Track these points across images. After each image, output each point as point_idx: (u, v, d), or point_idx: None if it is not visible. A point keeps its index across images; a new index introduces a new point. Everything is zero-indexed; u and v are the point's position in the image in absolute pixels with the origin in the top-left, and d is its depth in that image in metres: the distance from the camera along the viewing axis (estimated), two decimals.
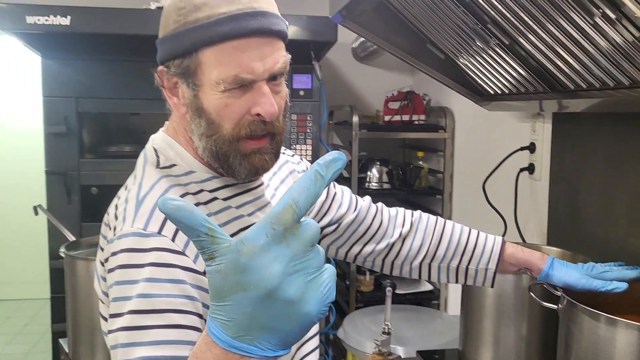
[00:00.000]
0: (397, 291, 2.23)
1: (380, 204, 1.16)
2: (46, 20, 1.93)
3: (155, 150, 0.88)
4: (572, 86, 1.26)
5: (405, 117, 2.57)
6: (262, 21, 0.78)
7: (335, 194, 1.11)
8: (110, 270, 0.75)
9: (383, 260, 1.13)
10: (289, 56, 0.84)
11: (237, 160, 0.82)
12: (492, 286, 1.13)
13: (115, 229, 0.79)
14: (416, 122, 2.57)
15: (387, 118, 2.59)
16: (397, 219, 1.14)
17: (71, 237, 1.90)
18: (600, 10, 0.95)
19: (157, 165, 0.86)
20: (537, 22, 1.15)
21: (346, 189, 1.14)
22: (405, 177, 2.52)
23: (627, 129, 1.32)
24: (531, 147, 1.72)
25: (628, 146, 1.32)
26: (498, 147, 1.96)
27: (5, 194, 4.53)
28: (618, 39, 0.98)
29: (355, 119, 2.40)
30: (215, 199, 0.86)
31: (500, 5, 1.20)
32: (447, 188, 2.48)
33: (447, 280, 1.13)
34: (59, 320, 2.33)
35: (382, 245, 1.11)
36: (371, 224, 1.11)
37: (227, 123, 0.80)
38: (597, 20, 0.98)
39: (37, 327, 4.11)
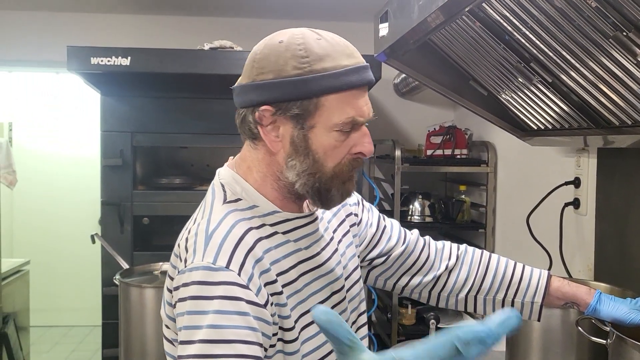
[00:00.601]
0: (440, 325, 2.22)
1: (427, 237, 1.19)
2: (108, 61, 2.07)
3: (223, 186, 0.95)
4: (617, 122, 1.27)
5: (448, 151, 2.60)
6: (369, 74, 0.92)
7: (385, 226, 1.14)
8: (181, 300, 0.81)
9: (429, 292, 1.16)
10: None
11: (335, 189, 0.91)
12: (538, 320, 1.13)
13: (186, 260, 0.84)
14: (458, 156, 2.59)
15: (429, 152, 2.62)
16: (444, 252, 1.16)
17: (125, 265, 1.98)
18: None
19: (225, 200, 0.92)
20: (578, 60, 1.18)
21: (395, 222, 1.18)
22: (448, 211, 2.53)
23: None
24: (576, 182, 1.72)
25: None
26: (541, 182, 1.96)
27: (60, 224, 4.72)
28: None
29: (398, 152, 2.44)
30: (275, 233, 0.91)
31: (542, 43, 1.23)
32: (490, 222, 2.48)
33: (493, 312, 1.14)
34: (109, 346, 2.41)
35: (429, 277, 1.14)
36: (419, 256, 1.14)
37: (330, 162, 0.89)
38: None
39: (84, 353, 4.21)
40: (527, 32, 1.24)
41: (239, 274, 0.81)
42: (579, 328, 1.13)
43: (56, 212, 4.72)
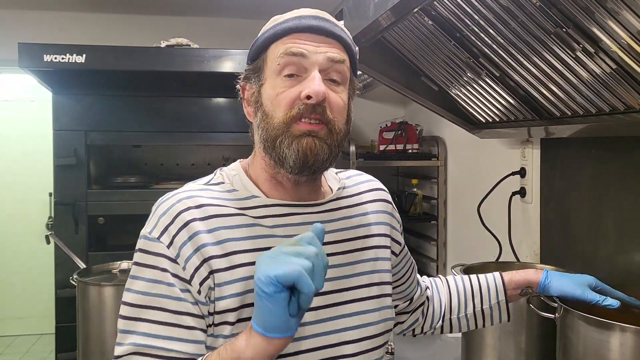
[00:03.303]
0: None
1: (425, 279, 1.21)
2: (62, 58, 2.03)
3: (220, 170, 0.96)
4: (558, 113, 1.37)
5: (400, 147, 2.68)
6: (323, 23, 0.88)
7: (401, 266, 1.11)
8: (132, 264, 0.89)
9: (413, 330, 1.18)
10: (348, 70, 0.90)
11: (286, 142, 0.85)
12: (508, 319, 1.16)
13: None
14: (410, 151, 2.68)
15: (382, 147, 2.69)
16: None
17: (82, 265, 1.95)
18: (581, 45, 1.07)
19: (206, 182, 0.93)
20: (524, 55, 1.26)
21: (415, 267, 1.15)
22: (401, 204, 2.61)
23: (609, 152, 1.43)
24: (522, 172, 1.82)
25: (611, 168, 1.42)
26: (489, 173, 2.05)
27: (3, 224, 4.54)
28: (597, 70, 1.09)
29: (352, 148, 2.51)
30: (241, 214, 0.88)
31: (489, 39, 1.31)
32: (442, 214, 2.57)
33: (468, 329, 1.17)
34: (65, 350, 2.36)
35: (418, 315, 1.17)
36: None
37: (278, 111, 0.86)
38: (578, 53, 1.09)
39: None
40: (476, 29, 1.31)
41: (168, 247, 0.84)
42: (530, 305, 1.21)
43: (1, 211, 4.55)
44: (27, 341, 4.40)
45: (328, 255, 0.84)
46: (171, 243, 0.84)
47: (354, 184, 1.03)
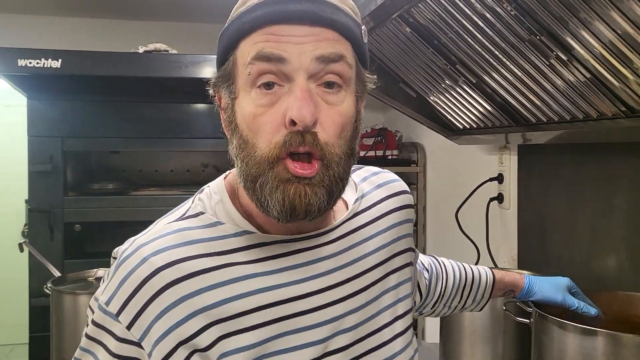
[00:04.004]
0: None
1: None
2: (37, 63, 2.00)
3: (199, 195, 0.74)
4: (534, 120, 1.39)
5: (379, 153, 2.70)
6: (306, 5, 0.62)
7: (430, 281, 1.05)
8: (86, 326, 0.69)
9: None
10: (351, 67, 0.66)
11: (268, 187, 0.63)
12: (481, 309, 1.15)
13: (103, 282, 0.69)
14: (389, 157, 2.69)
15: (362, 153, 2.70)
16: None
17: (57, 273, 1.92)
18: (554, 53, 1.08)
19: (181, 216, 0.71)
20: (500, 63, 1.28)
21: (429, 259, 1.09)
22: None
23: (584, 158, 1.45)
24: (499, 178, 1.84)
25: (585, 173, 1.45)
26: (468, 179, 2.07)
27: None
28: (571, 77, 1.11)
29: None
30: (231, 264, 0.67)
31: (467, 47, 1.32)
32: (421, 220, 2.59)
33: (438, 315, 1.13)
34: None
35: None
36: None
37: (259, 140, 0.63)
38: (552, 61, 1.11)
39: None
40: (453, 37, 1.32)
41: (129, 328, 0.63)
42: (506, 310, 1.22)
43: None
44: (0, 352, 4.31)
45: (346, 298, 0.71)
46: (133, 323, 0.63)
47: (372, 189, 0.84)
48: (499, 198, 1.84)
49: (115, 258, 0.70)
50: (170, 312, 0.63)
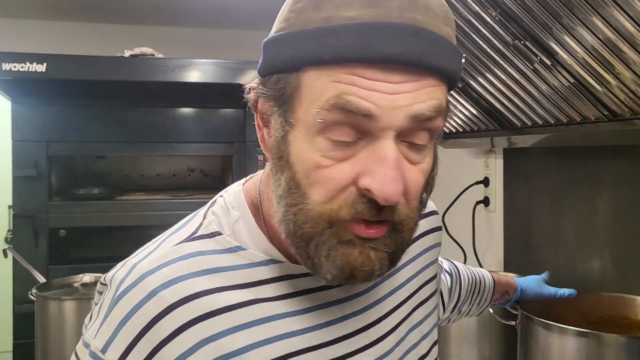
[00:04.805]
0: None
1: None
2: (22, 67, 1.99)
3: (210, 208, 0.61)
4: (519, 124, 1.40)
5: None
6: (410, 43, 0.47)
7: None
8: None
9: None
10: (444, 119, 0.53)
11: (325, 248, 0.51)
12: (478, 315, 1.14)
13: (91, 317, 0.57)
14: None
15: None
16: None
17: (42, 279, 1.90)
18: (538, 57, 1.10)
19: (191, 235, 0.58)
20: (485, 67, 1.29)
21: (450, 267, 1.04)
22: None
23: (569, 162, 1.47)
24: (485, 181, 1.86)
25: (569, 176, 1.47)
26: (454, 183, 2.09)
27: None
28: (555, 82, 1.13)
29: None
30: (256, 301, 0.55)
31: None
32: None
33: (448, 322, 1.11)
34: None
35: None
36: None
37: (316, 193, 0.50)
38: (537, 66, 1.12)
39: None
40: None
41: None
42: (493, 312, 1.23)
43: None
44: None
45: (376, 342, 0.62)
46: None
47: None
48: (485, 201, 1.86)
49: (105, 285, 0.58)
50: (195, 355, 0.51)
